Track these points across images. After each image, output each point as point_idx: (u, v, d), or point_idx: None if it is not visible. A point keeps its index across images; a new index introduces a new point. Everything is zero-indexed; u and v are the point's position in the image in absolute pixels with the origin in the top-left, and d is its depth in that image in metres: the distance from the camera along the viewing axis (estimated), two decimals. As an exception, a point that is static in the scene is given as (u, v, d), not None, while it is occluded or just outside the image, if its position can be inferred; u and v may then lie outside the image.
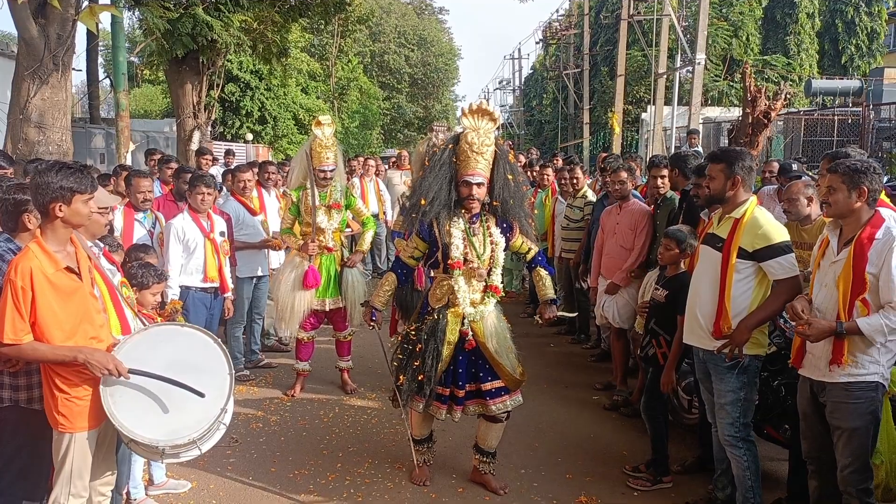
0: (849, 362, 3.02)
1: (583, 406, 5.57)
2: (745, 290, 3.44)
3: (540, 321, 4.15)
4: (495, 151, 3.89)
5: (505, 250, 4.06)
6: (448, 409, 3.99)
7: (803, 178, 4.88)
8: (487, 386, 3.96)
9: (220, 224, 5.39)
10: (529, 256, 4.23)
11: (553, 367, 6.52)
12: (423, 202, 3.82)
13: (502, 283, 4.13)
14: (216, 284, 5.31)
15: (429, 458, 4.28)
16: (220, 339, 3.13)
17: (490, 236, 3.97)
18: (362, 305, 4.38)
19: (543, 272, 4.23)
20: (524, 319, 7.56)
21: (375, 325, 4.12)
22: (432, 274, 4.15)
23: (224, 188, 6.96)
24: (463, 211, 3.92)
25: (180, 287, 5.11)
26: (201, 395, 2.91)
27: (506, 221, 4.02)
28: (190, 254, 5.16)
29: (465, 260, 3.91)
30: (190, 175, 5.52)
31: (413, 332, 3.99)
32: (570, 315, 4.18)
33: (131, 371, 2.85)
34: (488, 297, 4.01)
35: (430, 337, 3.88)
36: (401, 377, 3.96)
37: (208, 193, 5.19)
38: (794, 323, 3.18)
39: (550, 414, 5.37)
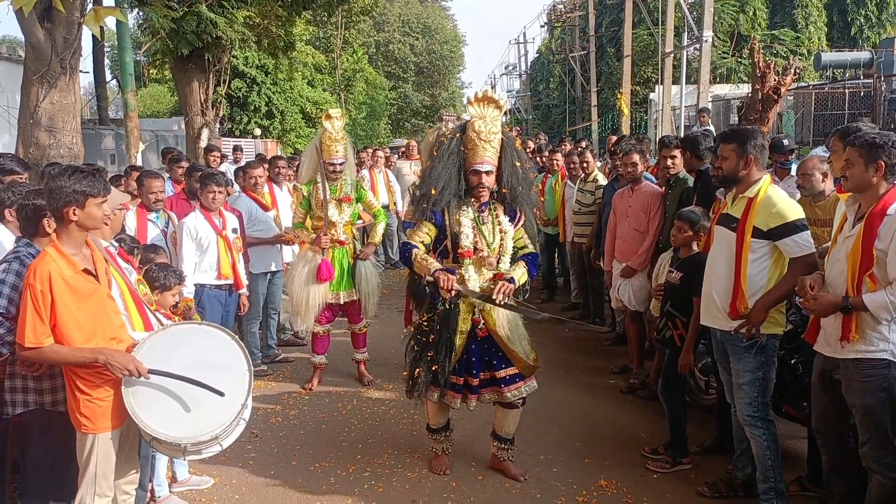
0: (857, 338, 2.99)
1: (599, 390, 5.58)
2: (761, 270, 3.42)
3: (494, 297, 3.76)
4: (502, 139, 3.89)
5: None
6: (463, 397, 4.01)
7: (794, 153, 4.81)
8: (501, 373, 3.97)
9: (231, 221, 5.42)
10: (521, 253, 4.06)
11: (568, 351, 6.53)
12: (433, 192, 3.82)
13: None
14: (230, 281, 5.34)
15: (447, 447, 4.30)
16: (237, 336, 3.16)
17: (499, 224, 3.97)
18: (427, 285, 3.91)
19: (523, 263, 4.00)
20: (537, 305, 7.54)
21: (457, 280, 3.76)
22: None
23: (236, 185, 6.98)
24: (472, 200, 3.92)
25: (195, 285, 5.15)
26: (221, 394, 2.94)
27: (513, 209, 4.02)
28: (203, 252, 5.20)
29: (475, 249, 3.91)
30: (201, 173, 5.55)
31: (425, 323, 3.99)
32: (537, 317, 4.01)
33: (151, 371, 2.88)
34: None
35: (443, 327, 3.89)
36: (416, 369, 3.96)
37: (219, 192, 5.22)
38: (801, 297, 3.16)
39: (567, 399, 5.38)
